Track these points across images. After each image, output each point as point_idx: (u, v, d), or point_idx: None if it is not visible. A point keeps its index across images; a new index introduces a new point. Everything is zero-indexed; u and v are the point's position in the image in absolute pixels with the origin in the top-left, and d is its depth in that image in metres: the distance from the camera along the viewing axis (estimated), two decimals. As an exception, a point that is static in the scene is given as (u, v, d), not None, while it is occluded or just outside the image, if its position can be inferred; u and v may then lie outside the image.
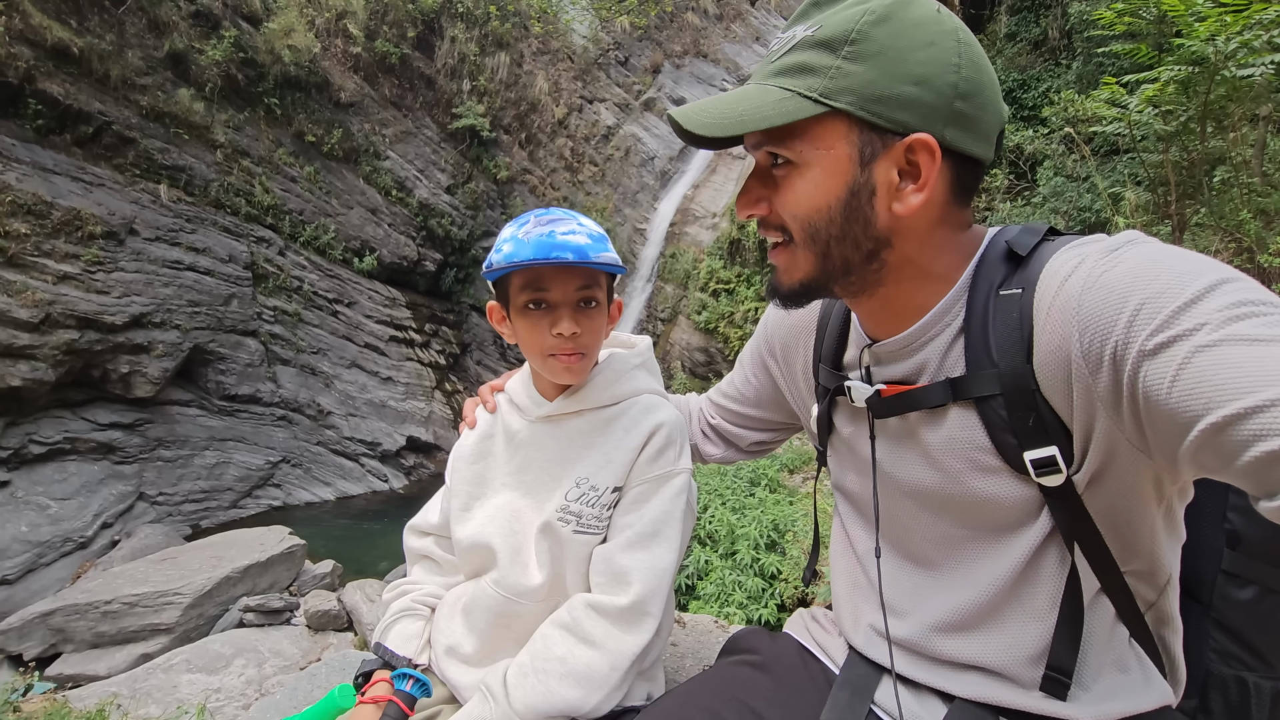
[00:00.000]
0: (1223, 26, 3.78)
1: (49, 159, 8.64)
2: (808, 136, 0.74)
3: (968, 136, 0.73)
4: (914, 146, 0.71)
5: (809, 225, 0.77)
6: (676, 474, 1.02)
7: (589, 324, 1.01)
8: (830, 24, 0.72)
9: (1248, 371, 0.53)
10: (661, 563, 0.97)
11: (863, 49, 0.70)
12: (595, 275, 1.01)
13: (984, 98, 0.73)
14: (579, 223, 1.00)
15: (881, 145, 0.72)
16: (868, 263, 0.78)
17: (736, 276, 11.78)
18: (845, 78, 0.71)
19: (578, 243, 0.96)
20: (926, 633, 0.85)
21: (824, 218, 0.76)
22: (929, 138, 0.71)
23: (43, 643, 5.53)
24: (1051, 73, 8.40)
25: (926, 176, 0.72)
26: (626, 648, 0.93)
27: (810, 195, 0.75)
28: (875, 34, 0.70)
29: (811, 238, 0.77)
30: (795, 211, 0.77)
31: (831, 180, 0.74)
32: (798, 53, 0.74)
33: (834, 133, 0.73)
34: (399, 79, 12.92)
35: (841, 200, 0.74)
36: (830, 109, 0.71)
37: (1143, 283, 0.62)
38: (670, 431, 1.04)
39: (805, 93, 0.72)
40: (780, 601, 4.63)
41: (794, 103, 0.72)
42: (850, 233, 0.76)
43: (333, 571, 6.84)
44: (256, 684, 4.80)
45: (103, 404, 9.09)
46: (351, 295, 12.13)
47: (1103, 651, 0.78)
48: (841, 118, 0.72)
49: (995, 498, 0.78)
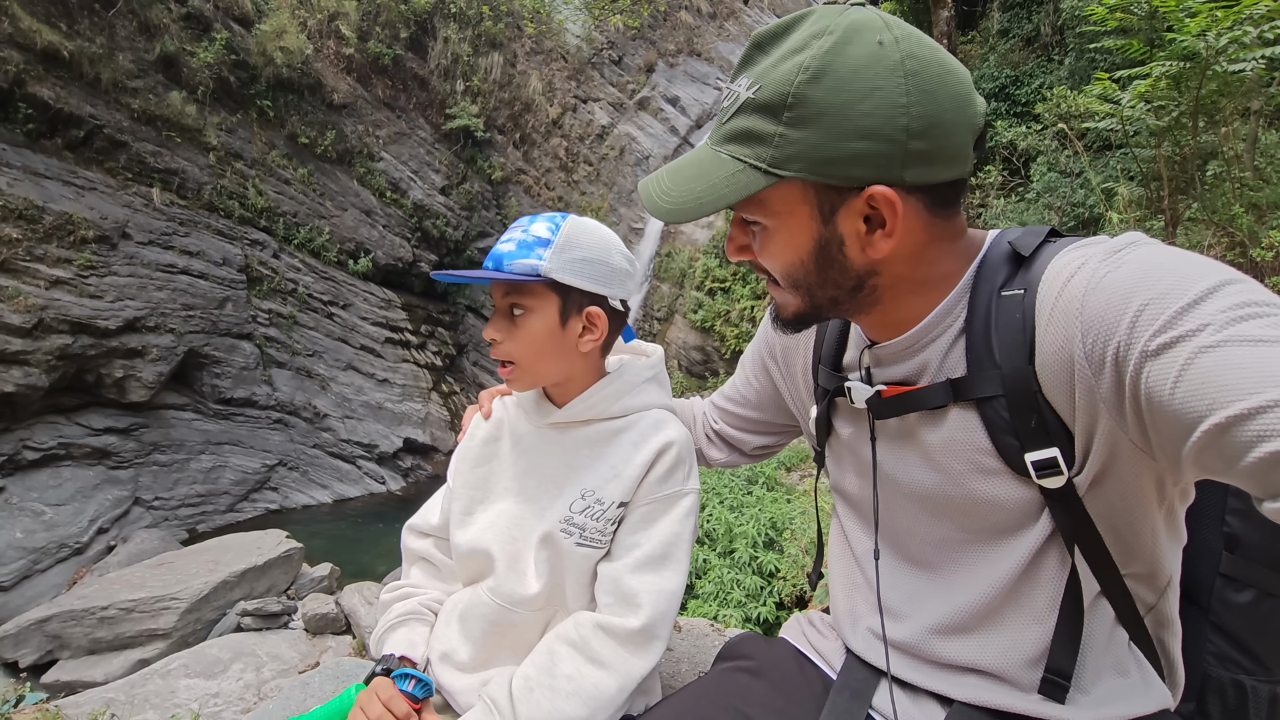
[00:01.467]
0: (1214, 22, 3.79)
1: (40, 163, 8.58)
2: (767, 204, 0.75)
3: (931, 169, 0.71)
4: (874, 197, 0.70)
5: (788, 275, 0.79)
6: (685, 494, 1.02)
7: (514, 332, 1.00)
8: (768, 84, 0.70)
9: (1251, 372, 0.53)
10: (670, 585, 0.97)
11: (802, 113, 0.68)
12: (518, 285, 0.99)
13: (944, 126, 0.70)
14: (527, 228, 0.99)
15: (840, 200, 0.72)
16: (855, 293, 0.79)
17: (732, 275, 11.78)
18: (790, 145, 0.69)
19: (501, 250, 0.97)
20: (925, 635, 0.85)
21: (800, 270, 0.78)
22: (885, 190, 0.70)
23: (39, 650, 5.50)
24: (1044, 69, 8.41)
25: (892, 225, 0.72)
26: (635, 670, 0.93)
27: (782, 251, 0.78)
28: (812, 95, 0.68)
29: (794, 285, 0.80)
30: (772, 264, 0.80)
31: (799, 237, 0.75)
32: (743, 117, 0.73)
33: (791, 197, 0.73)
34: (392, 80, 12.87)
35: (812, 254, 0.76)
36: (781, 178, 0.71)
37: (1146, 284, 0.62)
38: (680, 451, 1.02)
39: (755, 163, 0.71)
40: (779, 599, 4.63)
41: (746, 176, 0.72)
42: (829, 278, 0.77)
43: (330, 574, 6.82)
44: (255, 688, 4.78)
45: (97, 409, 9.05)
46: (346, 297, 12.09)
47: (1102, 654, 0.78)
48: (796, 182, 0.72)
49: (995, 499, 0.78)
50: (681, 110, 14.92)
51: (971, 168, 0.76)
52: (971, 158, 0.74)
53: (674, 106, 14.95)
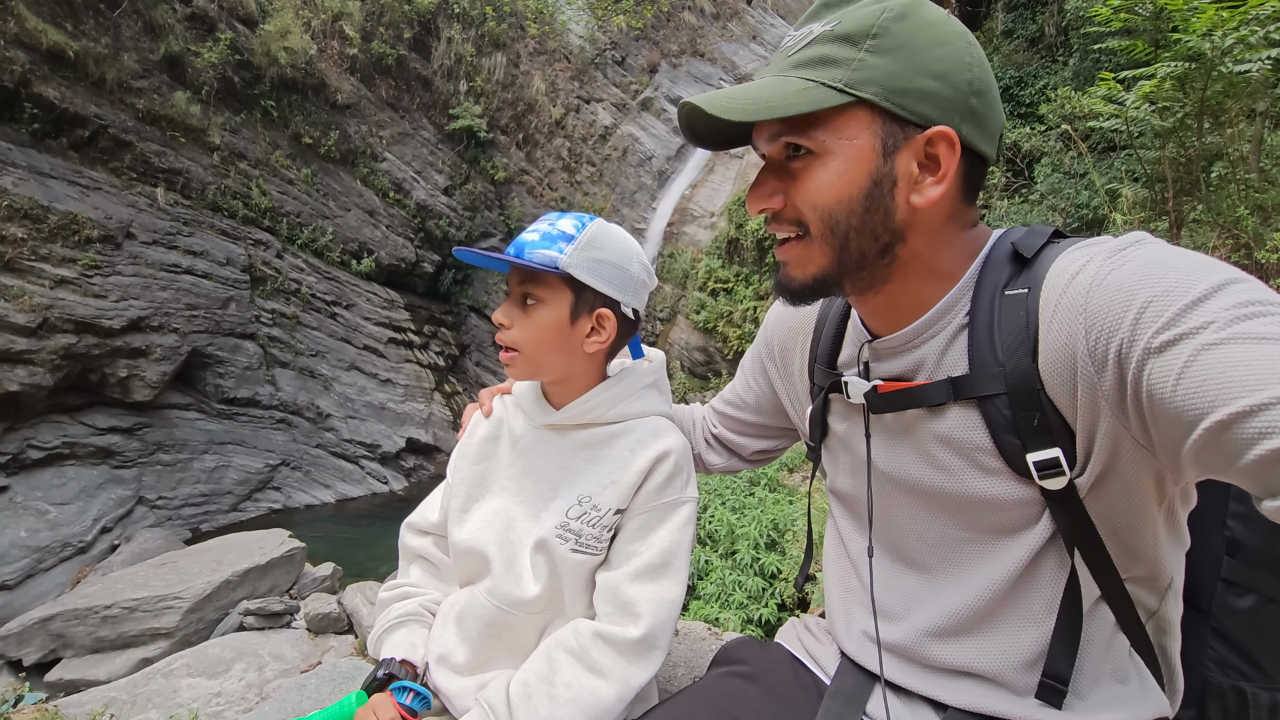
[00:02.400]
0: (1219, 22, 3.77)
1: (45, 163, 8.62)
2: (831, 126, 0.74)
3: (979, 133, 0.75)
4: (934, 139, 0.73)
5: (829, 216, 0.76)
6: (684, 502, 1.01)
7: (524, 322, 1.00)
8: (850, 19, 0.73)
9: (1253, 370, 0.53)
10: (670, 594, 0.97)
11: (884, 43, 0.72)
12: (534, 274, 0.99)
13: (992, 97, 0.77)
14: (552, 224, 1.00)
15: (904, 136, 0.73)
16: (881, 257, 0.78)
17: (735, 276, 11.77)
18: (869, 69, 0.72)
19: (525, 238, 0.99)
20: (919, 638, 0.84)
21: (845, 209, 0.75)
22: (949, 130, 0.73)
23: (42, 648, 5.52)
24: (1048, 69, 8.39)
25: (946, 168, 0.73)
26: (634, 680, 0.93)
27: (833, 185, 0.75)
28: (896, 29, 0.72)
29: (831, 229, 0.76)
30: (815, 202, 0.76)
31: (855, 170, 0.74)
32: (817, 46, 0.74)
33: (857, 123, 0.73)
34: (395, 80, 12.89)
35: (864, 190, 0.74)
36: (855, 99, 0.72)
37: (1149, 282, 0.62)
38: (678, 459, 1.02)
39: (830, 83, 0.72)
40: (780, 601, 4.62)
41: (819, 92, 0.72)
42: (870, 224, 0.75)
43: (333, 574, 6.83)
44: (257, 688, 4.79)
45: (101, 408, 9.08)
46: (349, 297, 12.12)
47: (1100, 660, 0.77)
48: (865, 108, 0.73)
49: (994, 499, 0.77)
50: (684, 111, 14.90)
51: (996, 158, 0.80)
52: (998, 139, 0.79)
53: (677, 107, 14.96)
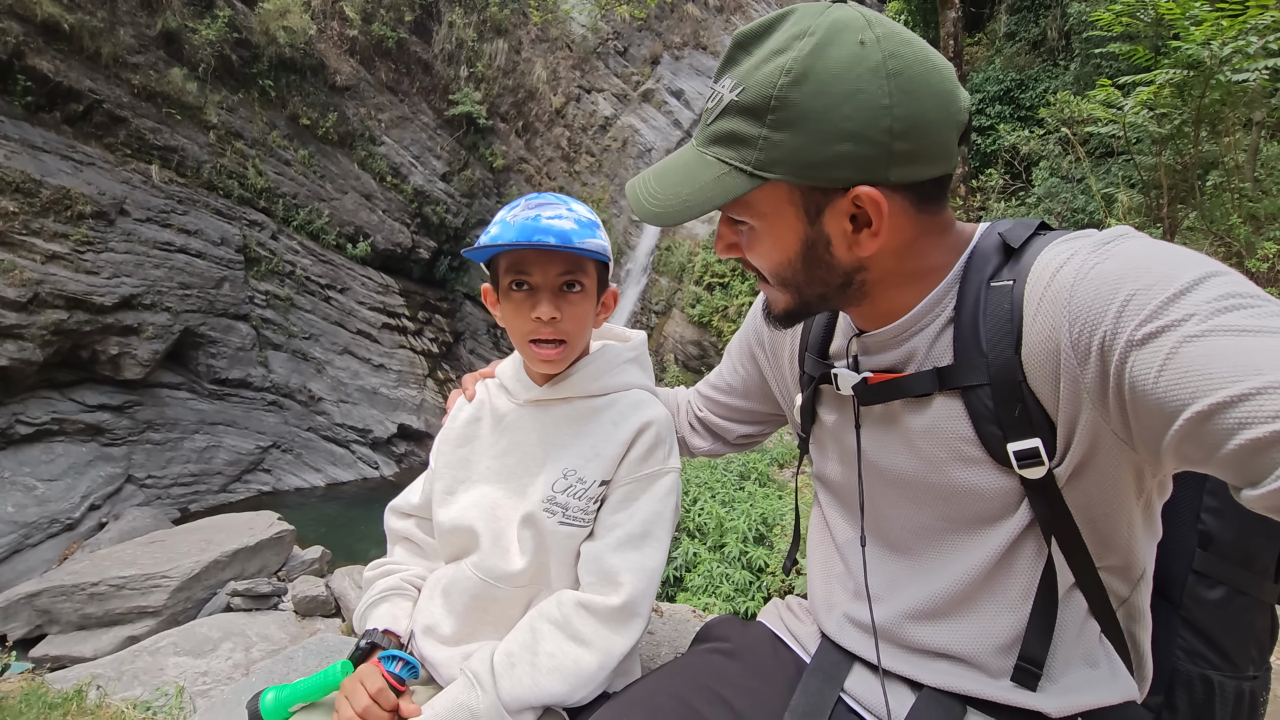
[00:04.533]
0: (1218, 31, 3.79)
1: (38, 136, 8.53)
2: (752, 204, 0.75)
3: (916, 168, 0.71)
4: (859, 198, 0.71)
5: (776, 274, 0.80)
6: (665, 473, 1.03)
7: (570, 310, 1.01)
8: (751, 86, 0.70)
9: (1234, 362, 0.53)
10: (651, 563, 0.98)
11: (785, 116, 0.69)
12: (579, 261, 1.01)
13: (926, 125, 0.70)
14: (568, 208, 1.00)
15: (825, 200, 0.73)
16: (844, 290, 0.80)
17: (731, 271, 11.77)
18: (774, 147, 0.70)
19: (562, 227, 0.96)
20: (900, 620, 0.86)
21: (788, 269, 0.79)
22: (871, 191, 0.70)
23: (28, 624, 5.50)
24: (1049, 73, 8.40)
25: (878, 225, 0.72)
26: (616, 647, 0.95)
27: (769, 252, 0.79)
28: (794, 97, 0.68)
29: (782, 283, 0.81)
30: (761, 263, 0.81)
31: (786, 237, 0.76)
32: (727, 119, 0.73)
33: (777, 198, 0.74)
34: (395, 63, 12.80)
35: (799, 253, 0.77)
36: (765, 180, 0.72)
37: (1133, 275, 0.63)
38: (660, 430, 1.04)
39: (740, 165, 0.72)
40: (767, 594, 4.65)
41: (731, 179, 0.73)
42: (816, 276, 0.79)
43: (321, 557, 6.83)
44: (244, 668, 4.80)
45: (91, 385, 9.03)
46: (344, 281, 12.06)
47: (1072, 645, 0.80)
48: (781, 184, 0.72)
49: (976, 488, 0.78)
50: (685, 103, 14.86)
51: (957, 162, 0.77)
52: (956, 153, 0.75)
53: (678, 99, 14.89)
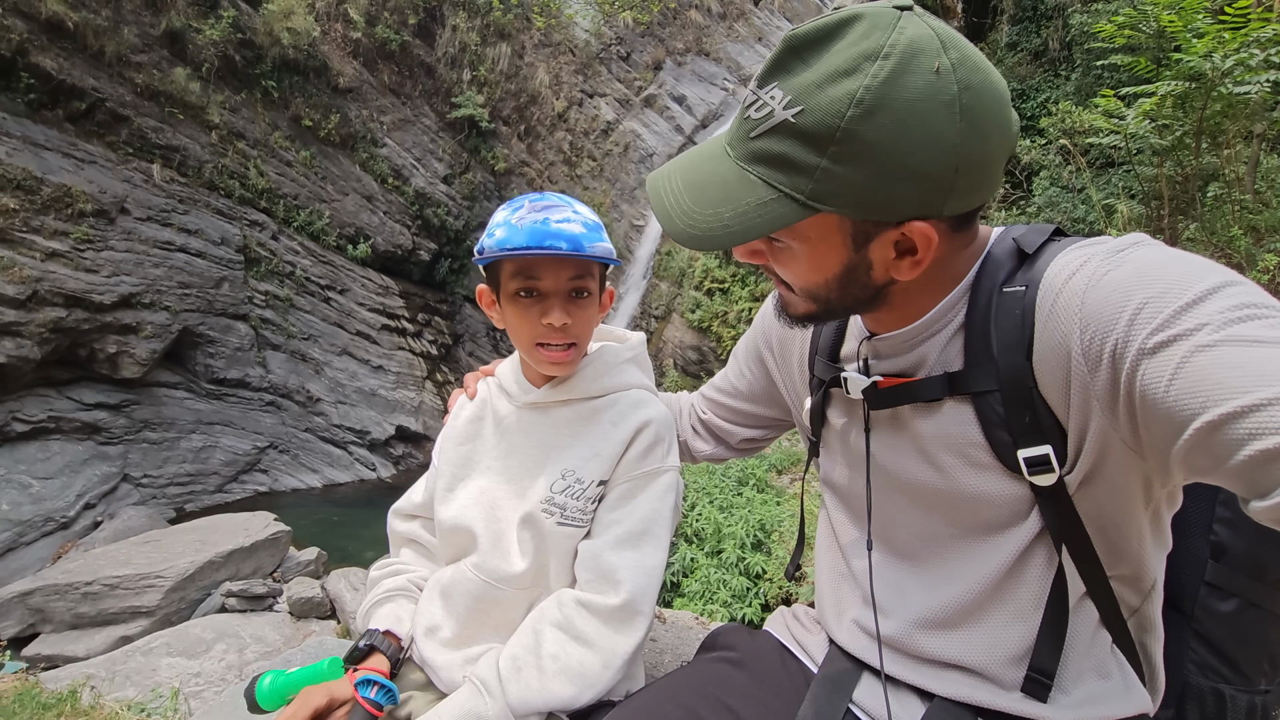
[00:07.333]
0: (1220, 43, 3.80)
1: (40, 134, 8.51)
2: (798, 230, 0.71)
3: (969, 199, 0.70)
4: (910, 229, 0.69)
5: (807, 290, 0.79)
6: (664, 471, 1.02)
7: (580, 315, 1.00)
8: (813, 110, 0.64)
9: (1246, 372, 0.53)
10: (651, 561, 0.97)
11: (849, 149, 0.63)
12: (588, 265, 1.00)
13: (988, 160, 0.67)
14: (574, 210, 0.99)
15: (875, 231, 0.71)
16: (870, 303, 0.80)
17: (731, 276, 11.77)
18: (832, 180, 0.65)
19: (572, 232, 0.95)
20: (909, 629, 0.85)
21: (822, 288, 0.77)
22: (924, 226, 0.68)
23: (21, 622, 5.47)
24: (1050, 83, 8.43)
25: (923, 255, 0.71)
26: (620, 647, 0.93)
27: (805, 272, 0.77)
28: (863, 132, 0.62)
29: (812, 298, 0.79)
30: (792, 280, 0.79)
31: (827, 260, 0.74)
32: (779, 139, 0.67)
33: (825, 226, 0.71)
34: (398, 66, 12.81)
35: (838, 276, 0.75)
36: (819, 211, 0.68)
37: (1145, 283, 0.62)
38: (659, 428, 1.03)
39: (791, 193, 0.67)
40: (764, 601, 4.64)
41: (780, 206, 0.68)
42: (849, 294, 0.77)
43: (317, 559, 6.81)
44: (237, 669, 4.77)
45: (89, 383, 9.00)
46: (344, 282, 12.04)
47: (1084, 656, 0.79)
48: (832, 214, 0.69)
49: (986, 495, 0.78)
50: (688, 109, 14.89)
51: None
52: (1001, 176, 0.74)
53: (680, 105, 14.93)
